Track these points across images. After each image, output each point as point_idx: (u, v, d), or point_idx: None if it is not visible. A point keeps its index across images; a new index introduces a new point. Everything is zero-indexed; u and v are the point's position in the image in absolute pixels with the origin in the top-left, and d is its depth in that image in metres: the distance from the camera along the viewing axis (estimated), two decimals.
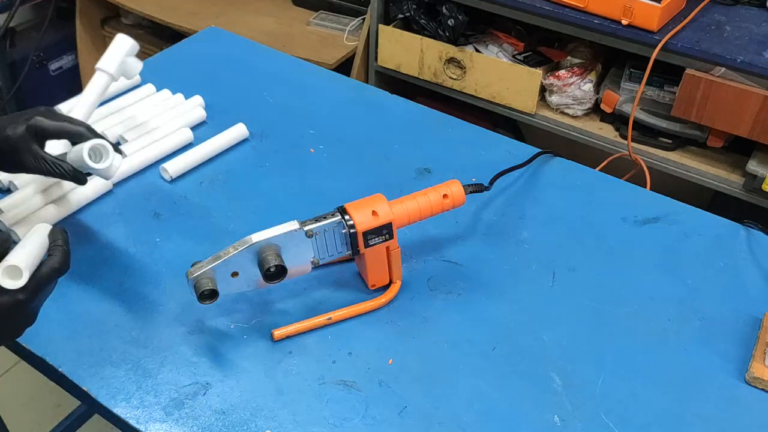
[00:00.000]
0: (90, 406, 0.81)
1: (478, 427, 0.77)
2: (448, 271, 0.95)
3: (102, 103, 1.17)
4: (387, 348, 0.85)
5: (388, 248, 0.88)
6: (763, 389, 0.82)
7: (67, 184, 1.02)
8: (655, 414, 0.79)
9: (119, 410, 0.77)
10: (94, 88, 1.05)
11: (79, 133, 0.88)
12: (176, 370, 0.81)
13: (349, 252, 0.87)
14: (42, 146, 0.88)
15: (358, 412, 0.78)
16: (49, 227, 0.75)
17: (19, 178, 1.03)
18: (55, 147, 0.95)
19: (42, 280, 0.68)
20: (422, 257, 0.97)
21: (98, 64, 1.06)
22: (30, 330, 0.80)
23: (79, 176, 0.89)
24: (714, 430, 0.78)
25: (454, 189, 0.91)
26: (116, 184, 1.06)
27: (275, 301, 0.90)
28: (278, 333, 0.85)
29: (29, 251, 0.69)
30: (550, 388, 0.81)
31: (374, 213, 0.86)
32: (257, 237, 0.81)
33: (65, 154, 0.89)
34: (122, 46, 1.07)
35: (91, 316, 0.87)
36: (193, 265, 0.80)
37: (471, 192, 0.94)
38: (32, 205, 0.99)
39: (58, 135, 0.88)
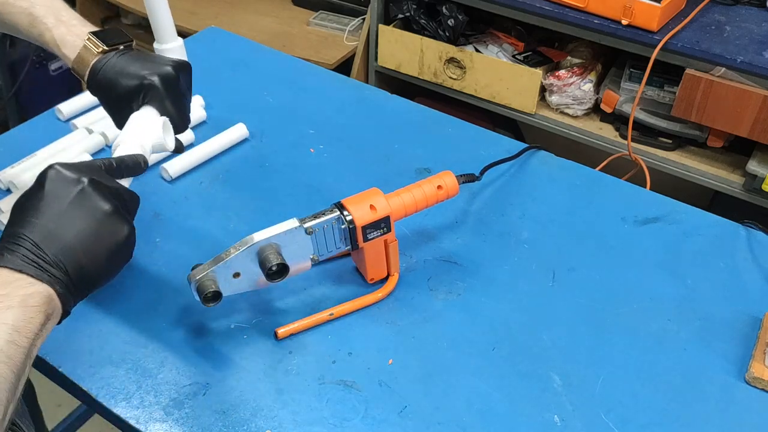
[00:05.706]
0: (90, 406, 0.81)
1: (478, 427, 0.77)
2: (448, 271, 0.95)
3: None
4: (387, 348, 0.85)
5: (385, 241, 0.88)
6: (763, 389, 0.82)
7: None
8: (655, 414, 0.79)
9: (119, 410, 0.77)
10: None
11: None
12: (176, 370, 0.81)
13: (348, 247, 0.87)
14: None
15: (358, 412, 0.78)
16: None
17: (19, 178, 1.03)
18: None
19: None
20: (422, 257, 0.97)
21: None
22: None
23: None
24: (714, 430, 0.78)
25: (448, 180, 0.92)
26: None
27: (275, 300, 0.90)
28: (282, 331, 0.85)
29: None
30: (550, 388, 0.81)
31: (372, 207, 0.86)
32: (258, 237, 0.81)
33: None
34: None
35: (91, 316, 0.87)
36: (193, 268, 0.80)
37: (464, 182, 0.96)
38: None
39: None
